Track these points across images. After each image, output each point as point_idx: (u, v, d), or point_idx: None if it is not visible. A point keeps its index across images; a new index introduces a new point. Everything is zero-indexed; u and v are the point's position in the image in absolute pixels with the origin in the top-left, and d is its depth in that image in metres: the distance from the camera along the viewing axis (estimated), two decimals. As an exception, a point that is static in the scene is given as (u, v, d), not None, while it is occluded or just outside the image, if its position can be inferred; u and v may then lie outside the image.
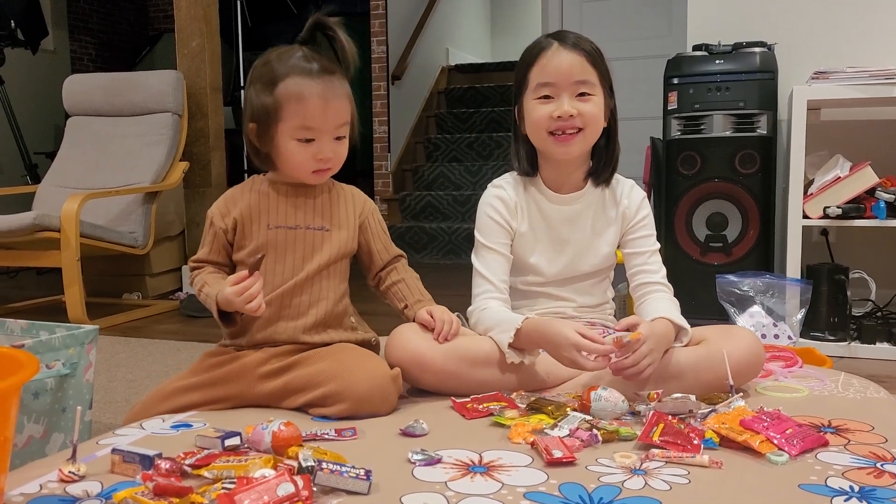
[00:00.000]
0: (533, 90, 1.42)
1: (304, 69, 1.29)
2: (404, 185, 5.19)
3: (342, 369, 1.27)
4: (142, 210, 3.10)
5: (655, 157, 2.60)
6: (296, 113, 1.28)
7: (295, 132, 1.30)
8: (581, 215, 1.50)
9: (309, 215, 1.37)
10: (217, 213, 1.39)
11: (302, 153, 1.31)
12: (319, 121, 1.29)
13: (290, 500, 0.89)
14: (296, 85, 1.28)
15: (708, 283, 2.19)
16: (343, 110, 1.31)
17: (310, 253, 1.36)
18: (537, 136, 1.44)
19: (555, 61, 1.39)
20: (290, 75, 1.29)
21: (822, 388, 1.46)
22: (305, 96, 1.28)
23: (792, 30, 2.49)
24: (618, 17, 4.51)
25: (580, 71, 1.38)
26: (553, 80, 1.39)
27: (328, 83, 1.29)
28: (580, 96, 1.39)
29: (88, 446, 1.14)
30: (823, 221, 2.17)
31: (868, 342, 2.15)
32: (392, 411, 1.28)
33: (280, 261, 1.35)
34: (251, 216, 1.36)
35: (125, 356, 2.23)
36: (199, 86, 3.38)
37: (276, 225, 1.36)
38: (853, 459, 1.07)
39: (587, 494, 0.96)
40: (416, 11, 5.44)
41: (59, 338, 1.29)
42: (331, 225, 1.38)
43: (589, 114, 1.39)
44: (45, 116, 5.07)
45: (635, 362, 1.26)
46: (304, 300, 1.35)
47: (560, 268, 1.50)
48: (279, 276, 1.35)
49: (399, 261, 1.47)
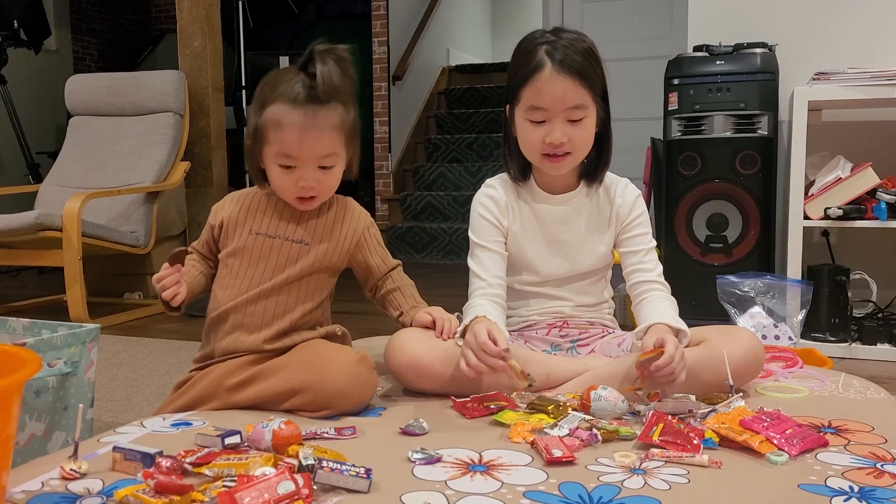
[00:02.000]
0: (525, 110, 1.41)
1: (290, 96, 1.27)
2: (405, 186, 5.20)
3: (310, 374, 1.25)
4: (143, 210, 3.10)
5: (656, 157, 2.60)
6: (275, 139, 1.28)
7: (276, 158, 1.30)
8: (574, 215, 1.50)
9: (292, 228, 1.37)
10: (214, 210, 1.42)
11: (283, 178, 1.31)
12: (296, 150, 1.28)
13: (291, 498, 0.89)
14: (276, 112, 1.27)
15: (708, 283, 2.19)
16: (324, 142, 1.28)
17: (283, 264, 1.35)
18: (530, 154, 1.45)
19: (549, 87, 1.37)
20: (276, 101, 1.28)
21: (822, 388, 1.46)
22: (284, 125, 1.27)
23: (793, 31, 2.50)
24: (618, 18, 4.51)
25: (574, 97, 1.37)
26: (546, 105, 1.38)
27: (311, 113, 1.26)
28: (572, 122, 1.39)
29: (90, 444, 1.14)
30: (824, 222, 2.17)
31: (869, 343, 2.15)
32: (374, 393, 1.31)
33: (253, 266, 1.36)
34: (237, 219, 1.38)
35: (126, 355, 2.23)
36: (200, 86, 3.38)
37: (257, 231, 1.36)
38: (853, 460, 1.07)
39: (587, 493, 0.96)
40: (417, 12, 5.44)
41: (61, 336, 1.30)
42: (312, 239, 1.37)
43: (578, 139, 1.40)
44: (48, 116, 5.07)
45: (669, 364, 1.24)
46: (268, 309, 1.34)
47: (555, 267, 1.50)
48: (247, 280, 1.35)
49: (395, 270, 1.46)
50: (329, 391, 1.24)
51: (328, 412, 1.25)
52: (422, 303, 1.45)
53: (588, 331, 1.51)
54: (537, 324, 1.51)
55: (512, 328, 1.52)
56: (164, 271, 1.29)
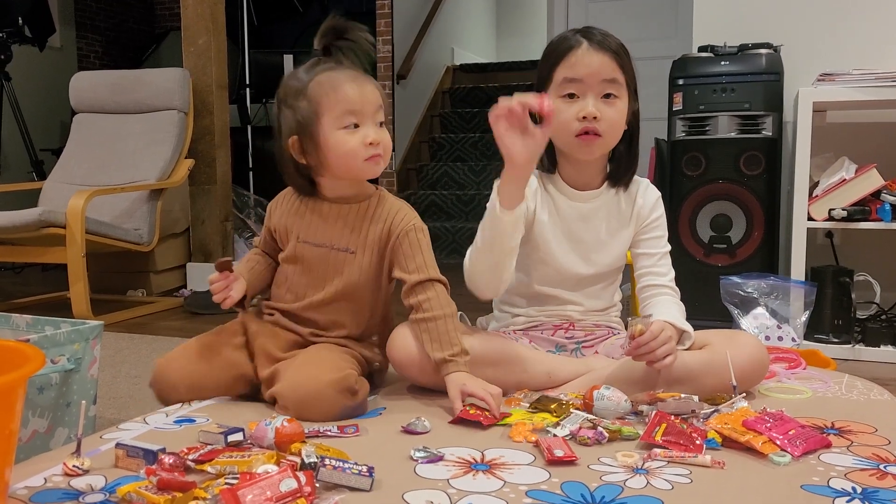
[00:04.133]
0: (559, 86, 1.39)
1: (326, 68, 1.33)
2: (409, 185, 5.19)
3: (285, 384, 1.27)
4: (147, 207, 3.11)
5: (660, 157, 2.59)
6: (335, 102, 1.30)
7: (339, 121, 1.30)
8: (595, 214, 1.48)
9: (336, 234, 1.37)
10: (269, 210, 1.46)
11: (351, 140, 1.31)
12: (359, 103, 1.30)
13: (293, 495, 0.89)
14: (326, 78, 1.32)
15: (712, 284, 2.19)
16: (376, 93, 1.33)
17: (332, 274, 1.37)
18: (563, 138, 1.41)
19: (585, 59, 1.37)
20: (316, 76, 1.32)
21: (825, 389, 1.46)
22: (339, 83, 1.31)
23: (798, 31, 2.49)
24: (623, 18, 4.50)
25: (609, 70, 1.37)
26: (582, 76, 1.37)
27: (354, 72, 1.34)
28: (605, 98, 1.38)
29: (92, 441, 1.14)
30: (828, 223, 2.16)
31: (872, 345, 2.15)
32: (342, 414, 1.23)
33: (305, 274, 1.39)
34: (286, 224, 1.41)
35: (129, 352, 2.24)
36: (205, 83, 3.39)
37: (304, 240, 1.38)
38: (856, 461, 1.07)
39: (589, 493, 0.96)
40: (422, 11, 5.44)
41: (64, 333, 1.30)
42: (356, 247, 1.37)
43: (610, 120, 1.38)
44: (52, 113, 5.08)
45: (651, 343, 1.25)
46: (320, 321, 1.38)
47: (571, 264, 1.48)
48: (302, 289, 1.39)
49: (425, 285, 1.33)
50: (295, 399, 1.24)
51: (288, 412, 1.23)
52: (453, 344, 1.29)
53: (594, 332, 1.51)
54: (543, 324, 1.51)
55: (517, 327, 1.51)
56: (213, 276, 1.35)
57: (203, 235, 3.47)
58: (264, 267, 1.46)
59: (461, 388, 1.24)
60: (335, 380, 1.24)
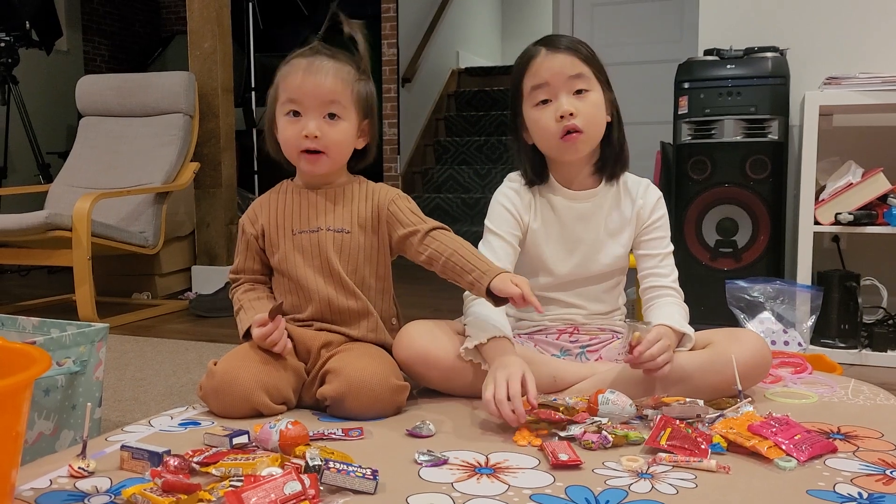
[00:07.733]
0: (529, 96, 1.42)
1: (302, 53, 1.35)
2: (413, 188, 5.20)
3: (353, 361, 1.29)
4: (152, 210, 3.11)
5: (665, 161, 2.59)
6: (284, 88, 1.33)
7: (283, 107, 1.33)
8: (594, 214, 1.48)
9: (329, 217, 1.38)
10: (247, 220, 1.42)
11: (289, 129, 1.33)
12: (299, 92, 1.31)
13: (297, 498, 0.89)
14: (288, 64, 1.34)
15: (717, 288, 2.18)
16: (327, 86, 1.30)
17: (335, 255, 1.36)
18: (547, 144, 1.43)
19: (546, 63, 1.39)
20: (289, 60, 1.35)
21: (831, 394, 1.45)
22: (293, 70, 1.32)
23: (804, 35, 2.48)
24: (629, 22, 4.50)
25: (572, 66, 1.38)
26: (546, 79, 1.39)
27: (317, 60, 1.32)
28: (577, 94, 1.39)
29: (98, 443, 1.15)
30: (835, 228, 2.16)
31: (879, 350, 2.14)
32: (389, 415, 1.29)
33: (308, 264, 1.37)
34: (276, 222, 1.39)
35: (134, 355, 2.24)
36: (210, 87, 3.40)
37: (299, 230, 1.38)
38: (862, 466, 1.07)
39: (594, 497, 0.96)
40: (427, 14, 5.45)
41: (70, 336, 1.30)
42: (350, 227, 1.38)
43: (587, 114, 1.39)
44: (58, 116, 5.10)
45: (650, 352, 1.25)
46: (341, 316, 1.38)
47: (571, 267, 1.48)
48: (311, 280, 1.37)
49: (438, 231, 1.36)
50: (355, 408, 1.26)
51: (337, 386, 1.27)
52: (481, 261, 1.31)
53: (598, 336, 1.51)
54: (548, 328, 1.50)
55: (522, 331, 1.51)
56: (266, 329, 1.29)
57: (208, 238, 3.48)
58: (268, 293, 1.45)
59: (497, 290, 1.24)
60: (396, 386, 1.29)
